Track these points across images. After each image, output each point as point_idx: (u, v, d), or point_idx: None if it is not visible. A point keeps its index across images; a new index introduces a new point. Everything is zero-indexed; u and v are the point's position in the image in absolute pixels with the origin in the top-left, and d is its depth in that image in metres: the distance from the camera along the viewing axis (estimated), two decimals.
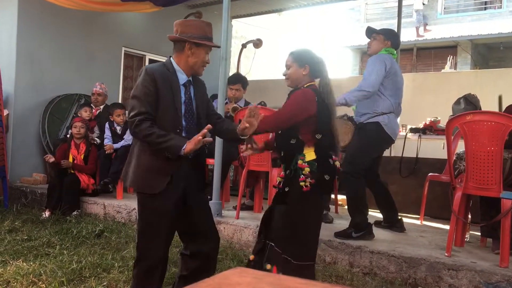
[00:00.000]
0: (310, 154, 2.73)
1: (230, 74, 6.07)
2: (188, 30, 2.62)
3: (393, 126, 4.06)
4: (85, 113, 6.05)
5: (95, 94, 6.36)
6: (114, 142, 5.87)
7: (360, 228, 3.89)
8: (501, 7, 15.61)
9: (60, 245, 4.13)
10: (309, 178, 2.67)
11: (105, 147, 5.79)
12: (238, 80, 5.44)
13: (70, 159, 5.52)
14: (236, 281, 0.96)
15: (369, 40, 4.26)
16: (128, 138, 5.88)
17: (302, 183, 2.67)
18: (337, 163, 2.81)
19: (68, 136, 6.22)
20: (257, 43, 7.99)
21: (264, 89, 8.83)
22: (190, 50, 2.62)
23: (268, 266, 2.75)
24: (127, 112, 4.54)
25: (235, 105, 5.15)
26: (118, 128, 5.93)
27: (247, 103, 5.41)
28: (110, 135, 5.91)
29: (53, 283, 3.17)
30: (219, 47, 2.74)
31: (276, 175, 4.47)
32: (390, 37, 4.20)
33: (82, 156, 5.57)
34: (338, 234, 3.90)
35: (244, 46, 8.24)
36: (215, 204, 4.55)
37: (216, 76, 4.62)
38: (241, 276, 1.00)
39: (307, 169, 2.69)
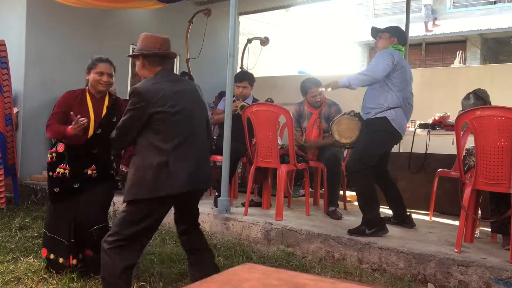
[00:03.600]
0: None
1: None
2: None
3: (401, 121, 4.02)
4: None
5: None
6: None
7: (373, 224, 3.87)
8: (511, 1, 15.44)
9: None
10: None
11: None
12: (245, 77, 5.42)
13: None
14: (245, 277, 0.96)
15: (375, 40, 4.25)
16: None
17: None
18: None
19: None
20: (264, 41, 7.97)
21: (271, 86, 8.82)
22: None
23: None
24: None
25: (243, 103, 5.14)
26: None
27: (255, 100, 5.40)
28: None
29: (64, 280, 3.20)
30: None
31: (285, 172, 4.49)
32: (396, 34, 4.17)
33: None
34: (352, 232, 3.89)
35: (249, 41, 8.20)
36: (224, 201, 4.56)
37: (223, 73, 4.61)
38: (249, 272, 1.00)
39: None
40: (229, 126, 4.50)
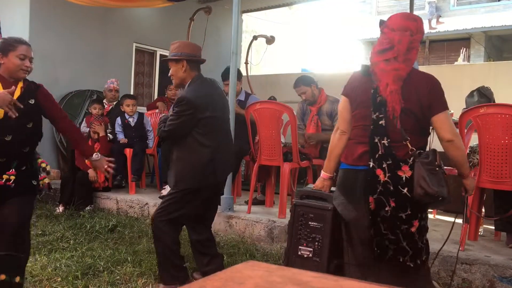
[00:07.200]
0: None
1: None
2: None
3: None
4: (94, 111, 5.98)
5: (113, 91, 6.25)
6: (127, 135, 5.90)
7: None
8: None
9: (74, 240, 4.17)
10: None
11: (120, 141, 5.85)
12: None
13: None
14: (248, 275, 0.96)
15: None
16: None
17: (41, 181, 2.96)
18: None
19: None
20: (270, 40, 7.95)
21: (274, 84, 8.80)
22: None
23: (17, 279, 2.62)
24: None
25: None
26: (131, 120, 5.97)
27: (247, 95, 5.37)
28: (121, 129, 5.93)
29: (68, 277, 3.21)
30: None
31: (288, 170, 4.49)
32: None
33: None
34: None
35: (255, 38, 8.17)
36: (227, 198, 4.56)
37: None
38: (252, 269, 1.00)
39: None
40: (232, 124, 4.49)
